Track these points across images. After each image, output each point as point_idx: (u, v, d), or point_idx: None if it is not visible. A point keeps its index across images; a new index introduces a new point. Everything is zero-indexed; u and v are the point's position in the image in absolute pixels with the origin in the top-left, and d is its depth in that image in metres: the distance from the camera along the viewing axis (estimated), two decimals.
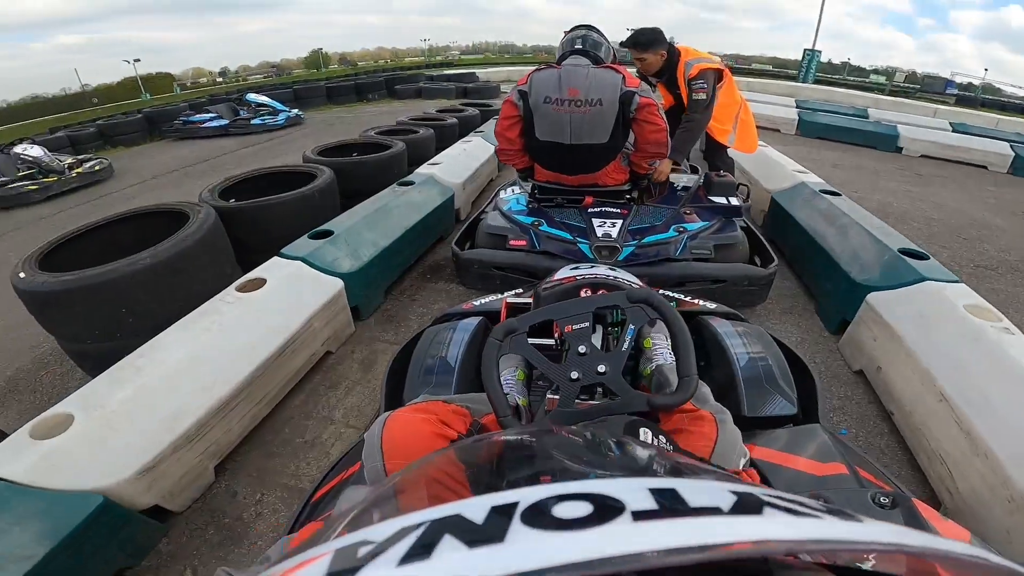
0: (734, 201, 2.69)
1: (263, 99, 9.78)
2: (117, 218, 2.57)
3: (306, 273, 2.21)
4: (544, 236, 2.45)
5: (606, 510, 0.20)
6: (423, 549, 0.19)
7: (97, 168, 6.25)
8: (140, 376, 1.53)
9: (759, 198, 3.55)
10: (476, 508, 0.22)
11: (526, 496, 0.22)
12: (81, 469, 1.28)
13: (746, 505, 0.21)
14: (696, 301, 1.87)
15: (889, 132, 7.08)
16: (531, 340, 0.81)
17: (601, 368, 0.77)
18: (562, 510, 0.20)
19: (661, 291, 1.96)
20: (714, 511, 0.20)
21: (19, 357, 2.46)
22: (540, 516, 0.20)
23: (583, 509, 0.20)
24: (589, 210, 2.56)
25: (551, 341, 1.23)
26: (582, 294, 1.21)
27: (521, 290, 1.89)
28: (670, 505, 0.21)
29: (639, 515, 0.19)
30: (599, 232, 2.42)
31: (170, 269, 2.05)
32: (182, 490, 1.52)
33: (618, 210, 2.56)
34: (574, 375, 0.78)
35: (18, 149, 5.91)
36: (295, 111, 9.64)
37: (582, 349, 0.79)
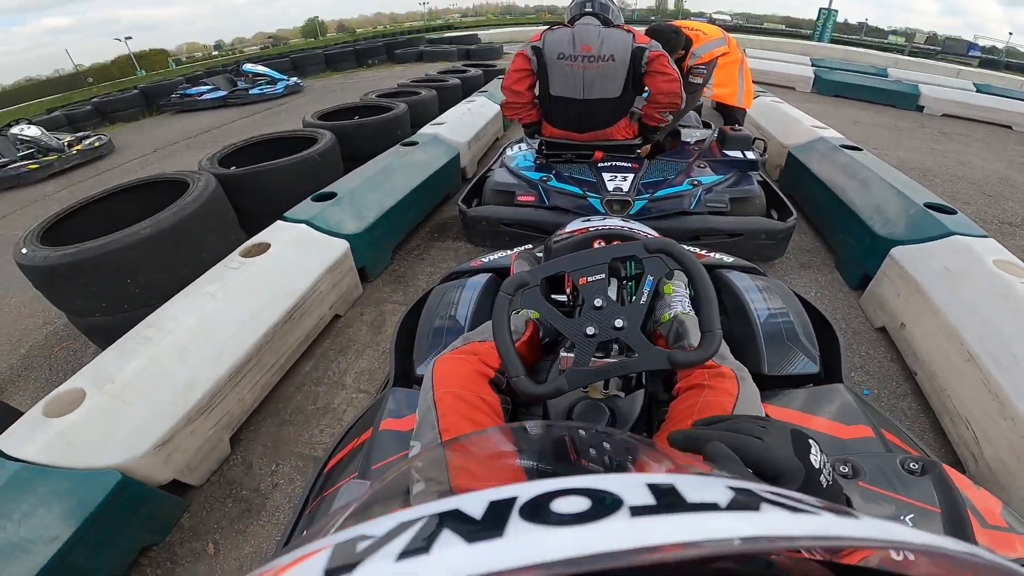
0: (750, 155, 2.60)
1: (260, 68, 9.55)
2: (117, 190, 2.53)
3: (311, 236, 2.18)
4: (553, 191, 2.39)
5: (604, 505, 0.20)
6: (422, 543, 0.19)
7: (97, 144, 6.17)
8: (149, 347, 1.50)
9: (775, 153, 3.46)
10: (474, 503, 0.22)
11: (524, 491, 0.22)
12: (97, 446, 1.26)
13: (744, 502, 0.21)
14: (712, 255, 1.81)
15: (910, 90, 6.80)
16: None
17: (618, 323, 0.72)
18: (560, 505, 0.20)
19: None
20: (711, 507, 0.20)
21: (32, 334, 2.47)
22: (539, 511, 0.20)
23: (581, 504, 0.20)
24: (599, 164, 2.49)
25: (563, 297, 1.17)
26: (595, 246, 1.15)
27: (531, 245, 1.84)
28: (668, 501, 0.21)
29: (637, 510, 0.19)
30: (610, 186, 2.34)
31: (172, 238, 2.03)
32: (199, 463, 1.51)
33: (629, 164, 2.48)
34: (590, 331, 0.73)
35: (15, 130, 5.82)
36: (294, 79, 9.42)
37: (598, 303, 0.74)
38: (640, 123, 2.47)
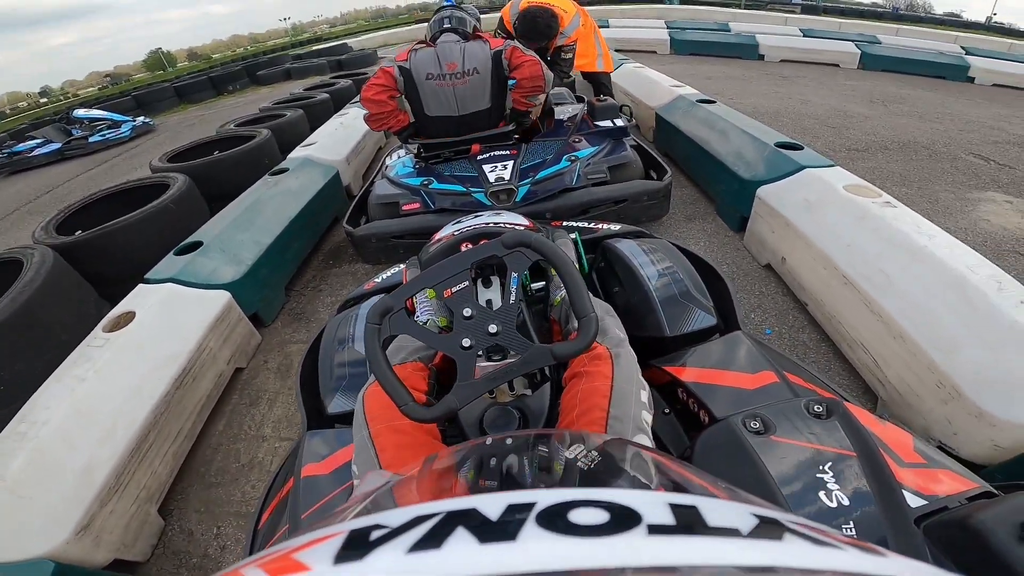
0: (619, 122, 2.69)
1: (96, 113, 8.36)
2: None
3: (181, 293, 1.98)
4: (436, 194, 2.34)
5: (622, 520, 0.20)
6: (435, 539, 0.19)
7: None
8: (27, 442, 1.37)
9: (645, 116, 3.66)
10: (493, 504, 0.22)
11: (544, 498, 0.22)
12: (15, 539, 1.19)
13: (767, 530, 0.20)
14: (600, 225, 1.86)
15: (749, 42, 7.63)
16: None
17: (492, 328, 0.71)
18: (578, 516, 0.20)
19: (565, 223, 1.95)
20: (732, 533, 0.20)
21: None
22: (555, 519, 0.20)
23: (600, 516, 0.20)
24: (478, 158, 2.47)
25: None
26: (463, 249, 1.12)
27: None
28: (688, 522, 0.20)
29: (655, 528, 0.19)
30: (491, 177, 2.33)
31: (16, 327, 1.83)
32: (134, 540, 1.43)
33: (507, 152, 2.48)
34: (466, 343, 0.71)
35: None
36: (141, 119, 8.35)
37: (467, 312, 0.72)
38: (511, 110, 2.49)
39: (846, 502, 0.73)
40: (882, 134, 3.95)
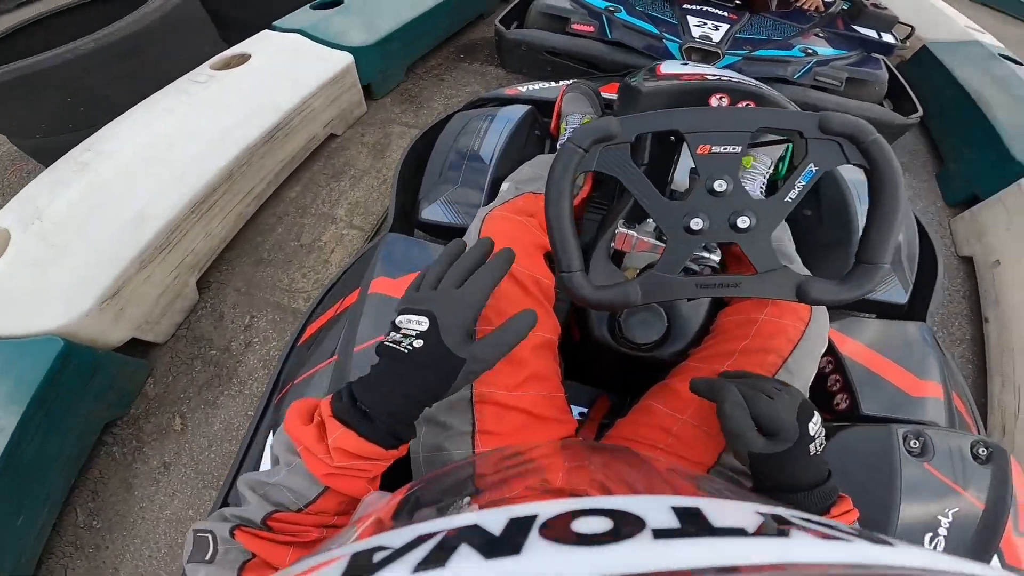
0: (888, 37, 2.14)
1: None
2: (73, 5, 2.12)
3: (305, 46, 1.83)
4: (621, 24, 1.87)
5: (626, 526, 0.20)
6: (439, 557, 0.19)
7: None
8: (85, 174, 1.22)
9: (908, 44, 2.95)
10: (494, 519, 0.22)
11: (545, 509, 0.22)
12: (30, 305, 1.04)
13: (773, 527, 0.21)
14: None
15: None
16: None
17: (743, 221, 0.51)
18: (581, 525, 0.20)
19: None
20: (738, 532, 0.20)
21: None
22: (559, 530, 0.20)
23: (603, 525, 0.20)
24: (684, 6, 1.96)
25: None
26: (713, 103, 0.82)
27: (587, 80, 1.40)
28: (692, 524, 0.20)
29: (659, 533, 0.19)
30: (696, 32, 1.84)
31: (123, 52, 1.76)
32: (160, 316, 1.29)
33: (726, 13, 1.98)
34: (696, 224, 0.51)
35: None
36: None
37: (720, 186, 0.51)
38: None
39: (940, 549, 0.70)
40: None
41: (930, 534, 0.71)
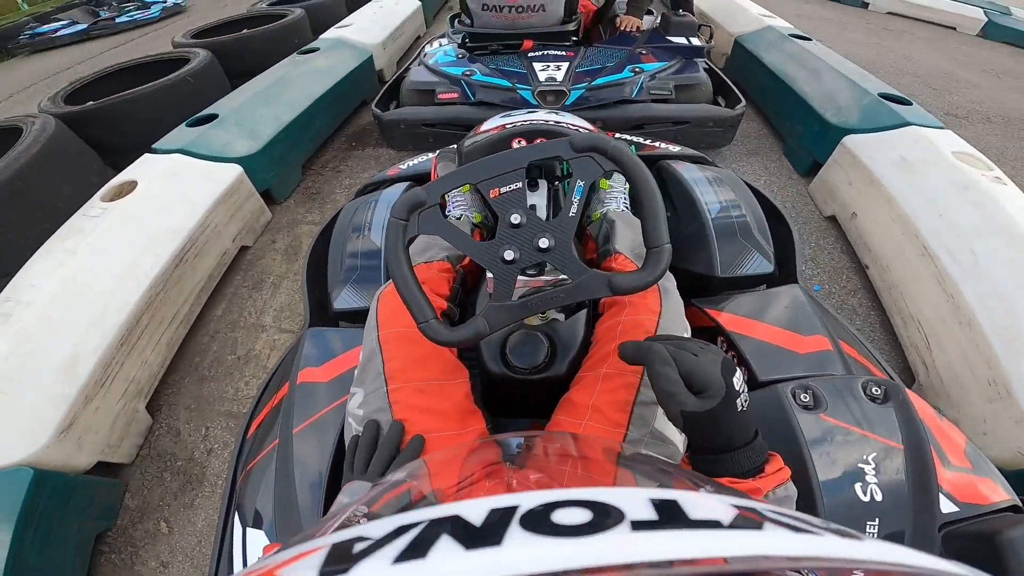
0: (696, 41, 2.42)
1: None
2: None
3: (189, 165, 1.86)
4: (478, 85, 2.09)
5: (605, 518, 0.20)
6: (419, 548, 0.19)
7: None
8: (9, 325, 1.26)
9: (720, 42, 3.30)
10: (475, 509, 0.22)
11: (526, 500, 0.22)
12: None
13: (747, 520, 0.21)
14: (657, 144, 1.65)
15: None
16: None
17: (543, 242, 0.59)
18: (561, 516, 0.20)
19: (617, 135, 1.72)
20: (714, 524, 0.20)
21: None
22: (539, 521, 0.20)
23: (582, 516, 0.20)
24: (529, 55, 2.21)
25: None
26: (514, 146, 0.95)
27: (455, 146, 1.58)
28: (670, 516, 0.21)
29: (638, 525, 0.19)
30: (542, 76, 2.09)
31: (8, 195, 1.76)
32: (120, 440, 1.34)
33: (563, 53, 2.24)
34: (508, 255, 0.59)
35: None
36: None
37: (515, 219, 0.60)
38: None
39: (879, 498, 0.69)
40: (987, 105, 3.44)
41: (859, 483, 0.70)
